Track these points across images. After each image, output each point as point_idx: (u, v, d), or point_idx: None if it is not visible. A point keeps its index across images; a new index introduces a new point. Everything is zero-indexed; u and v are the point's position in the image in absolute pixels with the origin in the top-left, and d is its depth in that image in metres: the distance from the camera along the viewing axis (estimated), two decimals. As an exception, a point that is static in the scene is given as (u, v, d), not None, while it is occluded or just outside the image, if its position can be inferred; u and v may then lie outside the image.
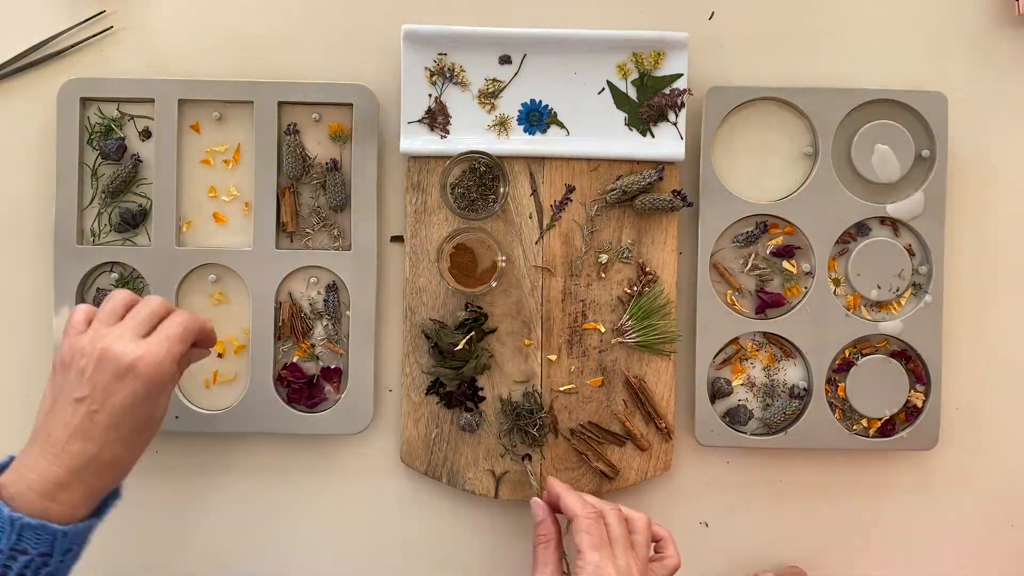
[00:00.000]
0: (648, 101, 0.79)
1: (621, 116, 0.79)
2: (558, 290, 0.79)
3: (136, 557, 0.81)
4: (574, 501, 0.69)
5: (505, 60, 0.78)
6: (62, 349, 0.63)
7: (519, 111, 0.79)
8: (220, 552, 0.81)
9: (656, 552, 0.73)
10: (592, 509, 0.68)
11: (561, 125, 0.79)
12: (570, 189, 0.79)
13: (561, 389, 0.79)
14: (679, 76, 0.78)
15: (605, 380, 0.79)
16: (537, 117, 0.79)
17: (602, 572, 0.64)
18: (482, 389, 0.79)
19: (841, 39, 0.82)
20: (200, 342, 0.67)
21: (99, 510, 0.62)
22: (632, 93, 0.79)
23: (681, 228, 0.80)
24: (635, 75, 0.79)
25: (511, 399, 0.79)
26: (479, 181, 0.79)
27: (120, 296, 0.65)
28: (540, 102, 0.79)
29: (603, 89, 0.79)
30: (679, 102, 0.78)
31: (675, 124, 0.79)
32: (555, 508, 0.72)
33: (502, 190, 0.78)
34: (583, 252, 0.80)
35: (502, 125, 0.79)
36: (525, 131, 0.79)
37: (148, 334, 0.63)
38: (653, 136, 0.79)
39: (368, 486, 0.81)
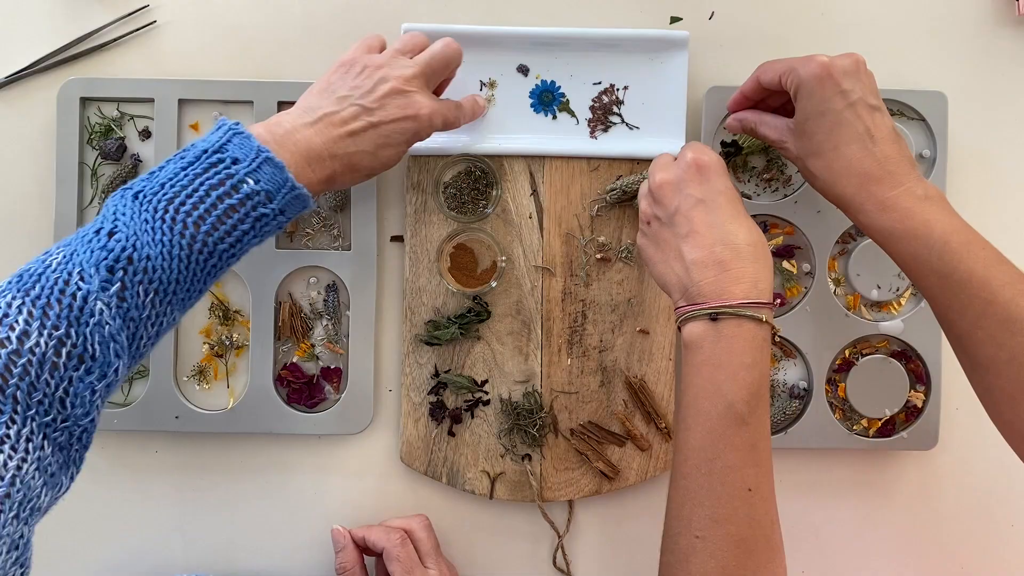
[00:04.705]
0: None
1: (619, 115, 0.79)
2: (558, 290, 0.79)
3: (136, 557, 0.81)
4: (378, 534, 0.75)
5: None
6: (353, 54, 0.69)
7: (531, 90, 0.79)
8: (220, 552, 0.81)
9: None
10: (397, 534, 0.74)
11: (572, 113, 0.79)
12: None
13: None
14: None
15: (604, 380, 0.79)
16: (549, 97, 0.79)
17: None
18: (488, 393, 0.79)
19: (841, 39, 0.82)
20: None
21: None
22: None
23: (681, 228, 0.80)
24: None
25: (511, 399, 0.79)
26: (472, 184, 0.79)
27: (416, 37, 0.71)
28: (553, 83, 0.79)
29: (603, 88, 0.79)
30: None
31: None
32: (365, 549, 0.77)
33: (494, 194, 0.78)
34: (583, 252, 0.80)
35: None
36: (533, 108, 0.79)
37: (434, 87, 0.71)
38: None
39: (368, 486, 0.81)
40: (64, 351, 0.53)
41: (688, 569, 0.59)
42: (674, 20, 0.81)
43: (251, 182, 0.59)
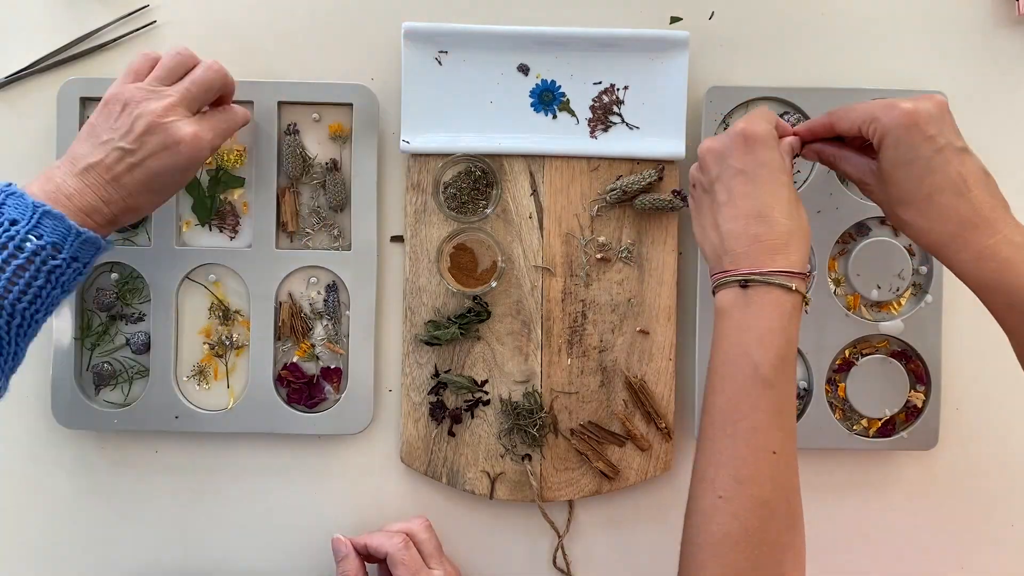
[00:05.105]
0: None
1: (619, 115, 0.79)
2: (558, 290, 0.79)
3: (136, 557, 0.81)
4: (380, 540, 0.74)
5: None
6: (116, 89, 0.68)
7: (531, 89, 0.79)
8: (220, 552, 0.81)
9: None
10: (400, 538, 0.74)
11: (572, 113, 0.79)
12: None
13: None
14: None
15: (604, 380, 0.79)
16: (550, 97, 0.79)
17: None
18: (488, 393, 0.79)
19: (841, 39, 0.82)
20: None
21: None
22: (632, 93, 0.79)
23: (681, 228, 0.80)
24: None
25: (511, 399, 0.79)
26: (472, 184, 0.79)
27: (181, 56, 0.69)
28: (554, 82, 0.79)
29: (603, 87, 0.79)
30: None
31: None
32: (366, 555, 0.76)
33: (494, 194, 0.78)
34: (583, 252, 0.80)
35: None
36: (533, 108, 0.79)
37: (199, 109, 0.69)
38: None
39: (368, 486, 0.81)
40: None
41: (710, 529, 0.59)
42: (674, 20, 0.81)
43: (34, 239, 0.60)
